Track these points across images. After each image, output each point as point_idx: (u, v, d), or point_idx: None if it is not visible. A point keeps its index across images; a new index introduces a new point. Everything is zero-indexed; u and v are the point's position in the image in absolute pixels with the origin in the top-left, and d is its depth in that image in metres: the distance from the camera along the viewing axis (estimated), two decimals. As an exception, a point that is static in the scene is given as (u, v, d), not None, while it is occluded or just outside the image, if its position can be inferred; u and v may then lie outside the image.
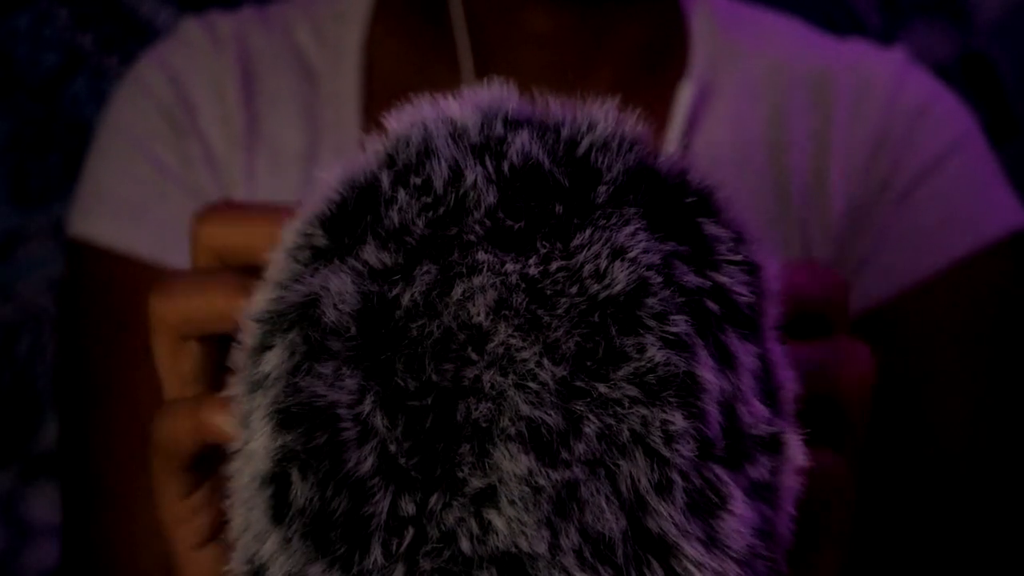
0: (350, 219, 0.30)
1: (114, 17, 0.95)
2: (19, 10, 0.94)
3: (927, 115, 0.65)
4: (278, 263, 0.32)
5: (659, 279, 0.29)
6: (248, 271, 0.35)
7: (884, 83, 0.66)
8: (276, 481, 0.30)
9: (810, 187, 0.64)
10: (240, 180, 0.64)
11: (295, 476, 0.29)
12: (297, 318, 0.30)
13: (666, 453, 0.28)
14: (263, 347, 0.31)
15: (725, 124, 0.64)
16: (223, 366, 0.35)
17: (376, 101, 0.64)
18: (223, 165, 0.64)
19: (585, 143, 0.30)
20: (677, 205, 0.31)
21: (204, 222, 0.36)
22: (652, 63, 0.65)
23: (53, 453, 0.93)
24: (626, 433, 0.28)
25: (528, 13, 0.62)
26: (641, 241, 0.29)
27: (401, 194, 0.30)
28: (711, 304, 0.30)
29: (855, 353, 0.37)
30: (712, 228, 0.31)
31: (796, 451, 0.31)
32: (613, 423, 0.28)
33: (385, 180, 0.30)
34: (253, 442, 0.30)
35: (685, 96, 0.63)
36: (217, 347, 0.36)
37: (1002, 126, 0.97)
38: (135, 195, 0.64)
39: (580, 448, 0.28)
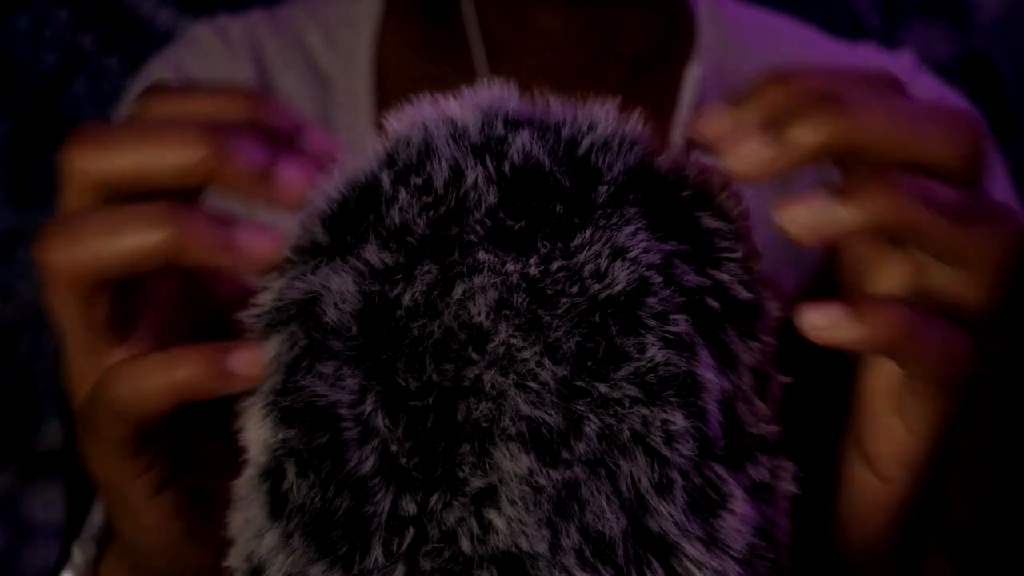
0: (351, 218, 0.30)
1: (114, 17, 0.95)
2: (19, 10, 0.94)
3: None
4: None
5: (659, 279, 0.29)
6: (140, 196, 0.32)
7: None
8: (273, 476, 0.30)
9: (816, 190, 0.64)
10: None
11: (290, 471, 0.29)
12: (297, 314, 0.30)
13: (666, 453, 0.28)
14: (261, 338, 0.31)
15: None
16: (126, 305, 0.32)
17: (388, 104, 0.64)
18: None
19: (586, 143, 0.30)
20: (676, 202, 0.31)
21: (78, 153, 0.31)
22: (661, 59, 0.65)
23: (53, 453, 0.93)
24: (626, 433, 0.28)
25: (539, 14, 0.62)
26: (642, 241, 0.29)
27: (402, 193, 0.30)
28: (712, 302, 0.30)
29: (998, 217, 0.30)
30: (710, 221, 0.31)
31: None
32: (613, 423, 0.28)
33: (386, 180, 0.30)
34: (249, 432, 0.30)
35: (693, 77, 0.63)
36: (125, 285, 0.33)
37: (1002, 126, 0.97)
38: None
39: (580, 448, 0.28)
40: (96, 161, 0.31)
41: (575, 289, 0.29)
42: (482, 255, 0.29)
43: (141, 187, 0.32)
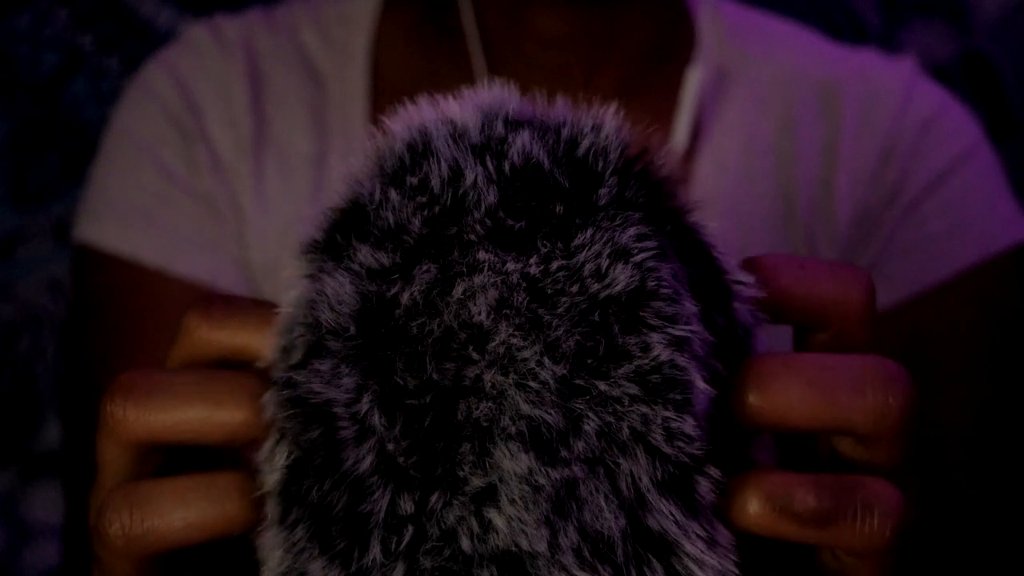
0: (343, 221, 0.30)
1: (114, 17, 0.95)
2: (19, 10, 0.94)
3: (935, 127, 0.66)
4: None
5: (660, 279, 0.29)
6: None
7: (893, 93, 0.66)
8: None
9: (817, 196, 0.64)
10: (248, 184, 0.64)
11: (288, 466, 0.29)
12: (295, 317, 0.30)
13: (668, 450, 0.28)
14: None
15: (734, 132, 0.64)
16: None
17: (384, 104, 0.64)
18: (230, 170, 0.64)
19: (585, 144, 0.30)
20: (676, 205, 0.31)
21: (201, 324, 0.32)
22: (661, 60, 0.65)
23: (53, 453, 0.93)
24: (626, 431, 0.28)
25: (537, 15, 0.62)
26: (643, 242, 0.29)
27: (392, 194, 0.30)
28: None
29: (877, 374, 0.30)
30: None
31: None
32: (612, 421, 0.28)
33: (378, 181, 0.30)
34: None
35: (694, 80, 0.63)
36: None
37: (1002, 126, 0.97)
38: (141, 201, 0.64)
39: (580, 446, 0.28)
40: (142, 416, 0.31)
41: (575, 288, 0.29)
42: (482, 254, 0.29)
43: (184, 444, 0.32)
